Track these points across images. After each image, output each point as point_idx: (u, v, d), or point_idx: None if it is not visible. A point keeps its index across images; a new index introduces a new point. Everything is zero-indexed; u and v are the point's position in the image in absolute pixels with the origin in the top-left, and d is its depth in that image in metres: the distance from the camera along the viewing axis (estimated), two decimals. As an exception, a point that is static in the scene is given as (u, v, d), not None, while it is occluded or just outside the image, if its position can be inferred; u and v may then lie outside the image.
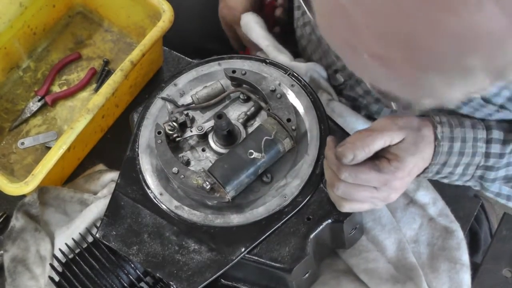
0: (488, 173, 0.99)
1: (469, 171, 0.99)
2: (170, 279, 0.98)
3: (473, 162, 0.98)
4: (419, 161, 0.95)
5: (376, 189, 0.94)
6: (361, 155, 0.92)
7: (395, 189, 0.94)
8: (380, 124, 0.94)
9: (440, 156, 0.96)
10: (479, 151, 0.97)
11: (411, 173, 0.95)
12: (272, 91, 1.04)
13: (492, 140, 0.97)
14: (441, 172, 0.98)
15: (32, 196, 1.16)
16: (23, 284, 1.12)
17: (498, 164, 0.98)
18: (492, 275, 1.14)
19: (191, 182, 0.99)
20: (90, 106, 1.15)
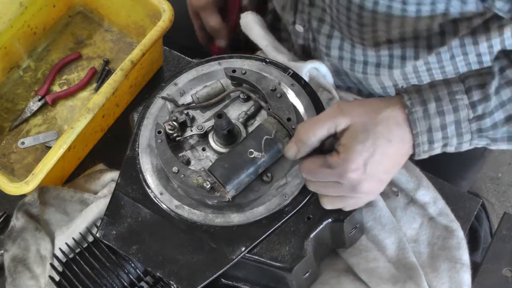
0: (483, 122, 0.92)
1: (463, 129, 0.93)
2: (170, 279, 0.98)
3: (460, 117, 0.92)
4: (381, 145, 0.91)
5: (340, 183, 0.92)
6: (304, 149, 0.92)
7: (357, 181, 0.91)
8: (327, 111, 0.93)
9: (418, 123, 0.91)
10: (461, 104, 0.92)
11: (372, 161, 0.90)
12: (272, 90, 1.04)
13: (471, 88, 0.92)
14: (434, 140, 0.93)
15: (33, 195, 1.16)
16: (24, 284, 1.12)
17: (489, 109, 0.92)
18: (492, 275, 1.14)
19: (191, 182, 0.99)
20: (91, 105, 1.15)
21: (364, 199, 0.96)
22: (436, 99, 0.92)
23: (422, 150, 0.94)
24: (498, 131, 0.92)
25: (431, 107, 0.91)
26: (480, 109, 0.91)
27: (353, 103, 0.94)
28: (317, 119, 0.92)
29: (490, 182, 2.14)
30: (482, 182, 2.13)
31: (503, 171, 2.15)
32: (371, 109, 0.92)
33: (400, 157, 0.94)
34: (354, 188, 0.92)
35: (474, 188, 2.10)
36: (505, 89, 0.91)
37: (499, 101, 0.91)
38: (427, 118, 0.91)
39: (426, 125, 0.91)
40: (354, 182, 0.91)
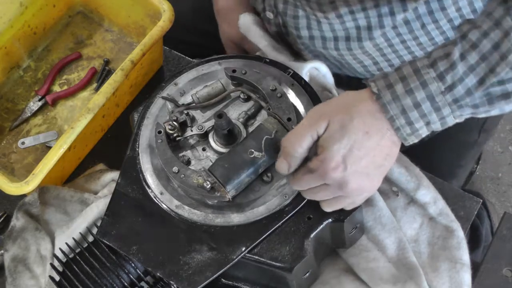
0: (456, 91, 0.90)
1: (439, 103, 0.91)
2: (171, 279, 0.98)
3: (431, 91, 0.90)
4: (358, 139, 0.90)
5: (327, 185, 0.92)
6: (294, 162, 0.93)
7: (341, 179, 0.91)
8: (305, 118, 0.93)
9: (389, 107, 0.90)
10: (429, 78, 0.90)
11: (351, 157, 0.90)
12: (272, 90, 1.04)
13: (436, 60, 0.90)
14: (412, 120, 0.91)
15: (33, 195, 1.16)
16: (24, 284, 1.12)
17: (457, 76, 0.90)
18: (492, 275, 1.14)
19: (192, 182, 0.99)
20: (91, 105, 1.15)
21: (360, 196, 0.96)
22: (401, 79, 0.91)
23: (406, 134, 0.92)
24: (475, 97, 0.90)
25: (398, 88, 0.90)
26: (449, 79, 0.90)
27: (329, 102, 0.94)
28: (299, 130, 0.93)
29: (490, 182, 2.14)
30: (482, 182, 2.14)
31: (503, 171, 2.16)
32: (345, 104, 0.92)
33: (385, 148, 0.93)
34: (341, 186, 0.92)
35: (475, 188, 2.11)
36: (471, 53, 0.89)
37: (467, 66, 0.89)
38: (397, 100, 0.90)
39: (398, 107, 0.90)
40: (338, 180, 0.91)
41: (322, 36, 1.20)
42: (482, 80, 0.89)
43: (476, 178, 2.13)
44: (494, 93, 0.89)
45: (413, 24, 1.16)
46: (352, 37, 1.18)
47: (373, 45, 1.20)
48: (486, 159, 2.16)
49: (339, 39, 1.20)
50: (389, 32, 1.17)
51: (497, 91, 0.89)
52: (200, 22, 1.46)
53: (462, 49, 0.90)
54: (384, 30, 1.16)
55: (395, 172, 1.13)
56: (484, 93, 0.90)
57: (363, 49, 1.20)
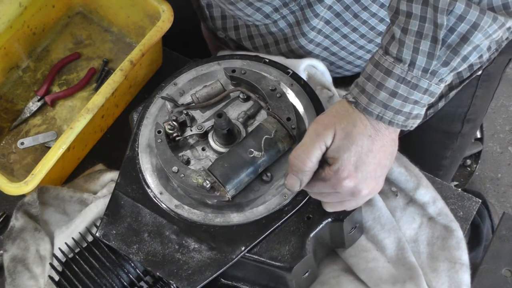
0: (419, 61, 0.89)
1: (411, 81, 0.89)
2: (170, 278, 0.98)
3: (399, 75, 0.89)
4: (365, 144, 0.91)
5: (338, 192, 0.93)
6: (306, 177, 0.93)
7: (353, 187, 0.92)
8: (309, 132, 0.93)
9: (370, 108, 0.91)
10: (388, 64, 0.89)
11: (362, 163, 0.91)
12: (271, 90, 1.04)
13: (387, 47, 0.90)
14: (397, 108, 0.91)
15: (32, 195, 1.16)
16: (23, 284, 1.12)
17: (410, 49, 0.89)
18: (492, 275, 1.14)
19: (191, 181, 0.99)
20: (90, 106, 1.15)
21: (364, 199, 0.97)
22: (368, 78, 0.91)
23: (401, 122, 0.92)
24: (439, 56, 0.89)
25: (369, 88, 0.91)
26: (406, 56, 0.89)
27: (328, 112, 0.95)
28: (307, 144, 0.93)
29: (489, 183, 2.14)
30: (481, 182, 2.14)
31: (503, 171, 2.16)
32: (344, 111, 0.93)
33: (388, 148, 0.94)
34: (353, 193, 0.93)
35: (474, 189, 2.11)
36: (409, 22, 0.89)
37: (413, 35, 0.89)
38: (373, 99, 0.91)
39: (378, 104, 0.91)
40: (351, 189, 0.92)
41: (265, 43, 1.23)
42: (434, 39, 0.88)
43: (476, 178, 2.13)
44: (453, 42, 0.88)
45: (344, 16, 1.17)
46: (289, 36, 1.21)
47: (310, 42, 1.21)
48: (485, 159, 2.16)
49: (279, 43, 1.22)
50: (324, 28, 1.18)
51: (454, 39, 0.88)
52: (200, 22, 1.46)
53: (401, 23, 0.90)
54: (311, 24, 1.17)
55: (394, 172, 1.13)
56: (445, 48, 0.89)
57: (304, 49, 1.22)
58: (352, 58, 1.25)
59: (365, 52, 1.24)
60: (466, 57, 0.89)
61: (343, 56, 1.24)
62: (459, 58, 0.89)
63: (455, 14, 0.86)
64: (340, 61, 1.26)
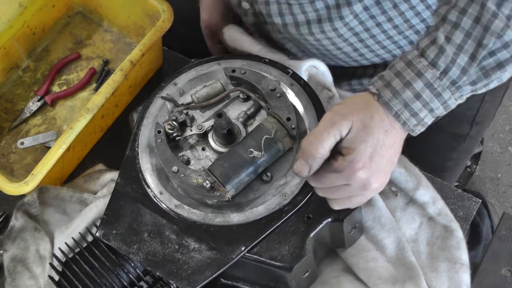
0: (452, 73, 0.91)
1: (438, 89, 0.92)
2: (170, 278, 0.98)
3: (428, 79, 0.91)
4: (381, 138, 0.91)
5: (349, 186, 0.92)
6: (316, 163, 0.92)
7: (365, 179, 0.92)
8: (325, 120, 0.93)
9: (392, 103, 0.92)
10: (422, 67, 0.91)
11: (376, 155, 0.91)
12: (271, 90, 1.04)
13: (424, 49, 0.92)
14: (416, 111, 0.92)
15: (32, 195, 1.16)
16: (23, 284, 1.12)
17: (448, 59, 0.91)
18: (492, 275, 1.14)
19: (191, 181, 0.99)
20: (90, 106, 1.15)
21: (371, 194, 0.96)
22: (396, 74, 0.92)
23: (412, 125, 0.93)
24: (471, 73, 0.91)
25: (396, 84, 0.92)
26: (441, 63, 0.91)
27: (345, 104, 0.94)
28: (321, 131, 0.92)
29: (489, 183, 2.14)
30: (481, 182, 2.14)
31: (503, 171, 2.16)
32: (362, 103, 0.93)
33: (398, 144, 0.94)
34: (364, 187, 0.92)
35: (474, 189, 2.11)
36: (454, 33, 0.90)
37: (455, 46, 0.91)
38: (398, 95, 0.91)
39: (400, 102, 0.92)
40: (363, 181, 0.91)
41: (295, 21, 1.20)
42: (473, 56, 0.90)
43: (476, 178, 2.13)
44: (488, 65, 0.90)
45: (384, 4, 1.16)
46: (323, 18, 1.18)
47: (345, 26, 1.19)
48: (485, 159, 2.16)
49: (311, 22, 1.19)
50: (362, 13, 1.17)
51: (490, 62, 0.90)
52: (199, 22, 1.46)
53: (445, 32, 0.91)
54: (352, 8, 1.15)
55: (394, 172, 1.13)
56: (478, 67, 0.91)
57: (337, 31, 1.20)
58: (377, 47, 1.24)
59: (391, 43, 1.23)
60: (492, 81, 0.92)
61: (369, 44, 1.23)
62: (486, 81, 0.91)
63: (503, 40, 0.88)
64: (364, 48, 1.25)
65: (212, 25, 1.35)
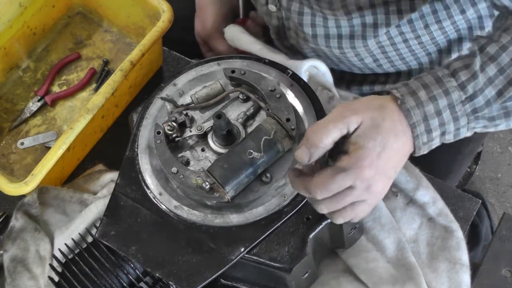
0: (476, 101, 0.92)
1: (458, 112, 0.92)
2: (170, 279, 0.98)
3: (453, 100, 0.92)
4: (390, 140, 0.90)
5: (353, 188, 0.90)
6: (317, 153, 0.89)
7: (371, 178, 0.90)
8: (334, 112, 0.91)
9: (413, 112, 0.91)
10: (450, 86, 0.92)
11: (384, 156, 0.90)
12: (271, 91, 1.04)
13: (456, 70, 0.92)
14: (431, 128, 0.92)
15: (32, 196, 1.16)
16: (23, 284, 1.12)
17: (478, 86, 0.92)
18: (492, 275, 1.14)
19: (191, 182, 0.99)
20: (90, 106, 1.15)
21: (373, 201, 0.94)
22: (424, 86, 0.92)
23: (422, 142, 0.93)
24: (493, 108, 0.92)
25: (422, 94, 0.92)
26: (470, 89, 0.92)
27: (358, 101, 0.93)
28: (328, 121, 0.90)
29: (489, 183, 2.14)
30: (481, 182, 2.14)
31: (503, 171, 2.16)
32: (376, 104, 0.92)
33: (404, 153, 0.94)
34: (368, 187, 0.90)
35: (474, 189, 2.11)
36: (489, 65, 0.91)
37: (486, 77, 0.91)
38: (421, 106, 0.91)
39: (421, 113, 0.91)
40: (368, 180, 0.89)
41: (326, 34, 1.20)
42: (501, 93, 0.91)
43: (476, 178, 2.13)
44: (511, 107, 0.92)
45: (416, 23, 1.16)
46: (357, 35, 1.18)
47: (377, 43, 1.20)
48: (485, 159, 2.16)
49: (343, 37, 1.20)
50: (393, 30, 1.17)
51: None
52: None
53: (481, 61, 0.92)
54: (389, 28, 1.16)
55: (394, 172, 1.13)
56: (501, 105, 0.92)
57: (367, 47, 1.20)
58: (397, 58, 1.25)
59: (411, 55, 1.24)
60: (508, 124, 0.95)
61: (391, 55, 1.24)
62: (504, 122, 0.94)
63: None
64: (384, 59, 1.25)
65: (204, 35, 1.39)
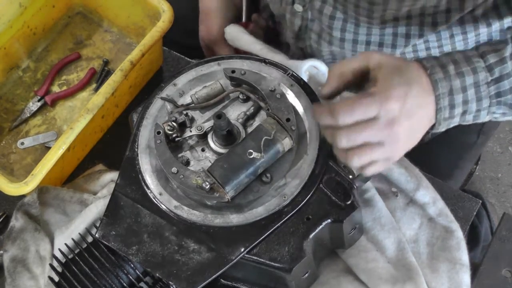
0: (502, 84, 0.94)
1: (482, 92, 0.94)
2: (170, 279, 0.98)
3: (479, 79, 0.93)
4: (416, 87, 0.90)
5: (376, 120, 0.89)
6: (335, 81, 0.93)
7: (397, 112, 0.89)
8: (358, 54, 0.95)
9: (440, 84, 0.92)
10: (479, 66, 0.94)
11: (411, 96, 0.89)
12: (271, 91, 1.04)
13: (485, 53, 0.94)
14: (455, 104, 0.93)
15: (32, 196, 1.16)
16: (23, 284, 1.12)
17: (506, 71, 0.94)
18: (492, 275, 1.14)
19: (191, 182, 0.99)
20: (90, 106, 1.15)
21: (391, 150, 0.93)
22: (454, 62, 0.94)
23: (443, 117, 0.94)
24: None
25: (451, 69, 0.93)
26: (497, 71, 0.93)
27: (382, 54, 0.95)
28: (351, 58, 0.94)
29: (490, 183, 2.14)
30: (481, 182, 2.14)
31: (503, 171, 2.16)
32: (401, 60, 0.93)
33: (425, 121, 0.94)
34: (391, 123, 0.89)
35: (474, 189, 2.11)
36: None
37: None
38: (448, 79, 0.93)
39: (447, 86, 0.93)
40: (393, 113, 0.89)
41: (355, 39, 1.21)
42: None
43: (476, 178, 2.13)
44: None
45: (442, 34, 1.18)
46: (386, 43, 1.19)
47: (401, 53, 1.20)
48: (485, 159, 2.16)
49: (371, 44, 1.20)
50: (419, 40, 1.18)
51: None
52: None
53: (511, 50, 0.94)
54: (421, 40, 1.17)
55: (395, 172, 1.13)
56: None
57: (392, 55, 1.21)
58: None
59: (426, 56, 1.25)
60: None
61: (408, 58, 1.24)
62: None
63: None
64: None
65: (209, 41, 1.38)
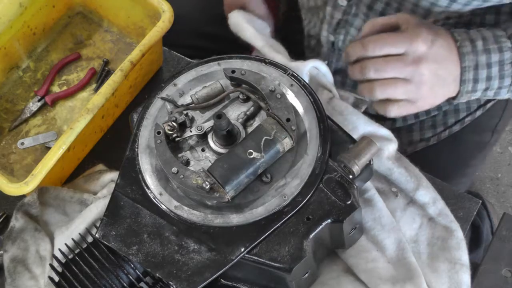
0: None
1: (506, 71, 0.98)
2: (170, 279, 0.98)
3: (504, 58, 0.97)
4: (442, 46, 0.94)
5: (404, 56, 0.94)
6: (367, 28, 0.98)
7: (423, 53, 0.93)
8: None
9: (467, 57, 0.96)
10: (505, 46, 0.97)
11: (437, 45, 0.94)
12: (271, 91, 1.04)
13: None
14: (478, 78, 0.97)
15: (32, 196, 1.16)
16: (23, 284, 1.12)
17: None
18: (492, 275, 1.14)
19: (191, 182, 0.99)
20: (90, 106, 1.15)
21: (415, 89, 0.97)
22: (483, 38, 0.97)
23: (466, 90, 0.97)
24: None
25: (479, 44, 0.96)
26: None
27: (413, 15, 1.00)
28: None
29: (489, 183, 2.14)
30: (481, 182, 2.14)
31: (503, 171, 2.16)
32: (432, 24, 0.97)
33: (450, 78, 0.97)
34: (418, 61, 0.94)
35: (474, 189, 2.10)
36: None
37: None
38: (475, 54, 0.96)
39: (474, 60, 0.96)
40: (420, 54, 0.94)
41: None
42: None
43: (476, 178, 2.13)
44: None
45: None
46: None
47: None
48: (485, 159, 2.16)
49: None
50: None
51: None
52: (201, 24, 1.46)
53: None
54: None
55: (395, 172, 1.13)
56: None
57: None
58: None
59: None
60: None
61: None
62: None
63: None
64: None
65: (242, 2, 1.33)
